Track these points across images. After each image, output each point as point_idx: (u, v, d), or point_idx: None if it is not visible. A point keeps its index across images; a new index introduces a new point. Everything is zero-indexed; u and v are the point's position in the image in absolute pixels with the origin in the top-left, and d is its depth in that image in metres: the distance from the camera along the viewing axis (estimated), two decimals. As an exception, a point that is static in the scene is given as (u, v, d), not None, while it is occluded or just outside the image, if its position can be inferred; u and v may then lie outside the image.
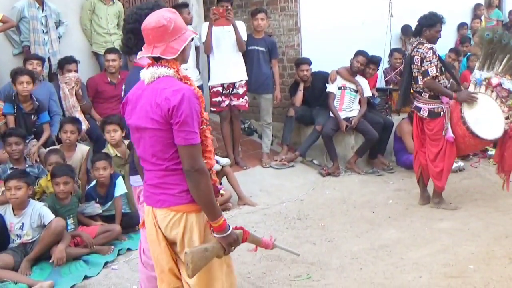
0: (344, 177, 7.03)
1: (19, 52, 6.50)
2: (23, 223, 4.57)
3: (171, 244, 2.70)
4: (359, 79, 7.40)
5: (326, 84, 7.44)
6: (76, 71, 6.33)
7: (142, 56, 2.73)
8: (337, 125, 7.17)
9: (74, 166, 5.45)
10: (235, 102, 6.90)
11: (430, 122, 5.62)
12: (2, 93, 5.89)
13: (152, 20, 2.61)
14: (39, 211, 4.60)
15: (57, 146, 5.65)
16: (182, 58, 2.68)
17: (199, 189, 2.54)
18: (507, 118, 5.53)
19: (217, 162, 5.74)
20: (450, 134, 5.55)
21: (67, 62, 6.29)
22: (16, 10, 6.28)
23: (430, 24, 5.68)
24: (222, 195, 5.68)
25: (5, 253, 4.46)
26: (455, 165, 6.93)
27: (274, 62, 7.34)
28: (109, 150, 5.71)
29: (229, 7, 6.69)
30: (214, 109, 6.90)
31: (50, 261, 4.49)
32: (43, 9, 6.40)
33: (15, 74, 5.62)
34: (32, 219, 4.58)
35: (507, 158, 5.68)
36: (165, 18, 2.58)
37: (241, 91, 6.91)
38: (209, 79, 6.97)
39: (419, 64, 5.56)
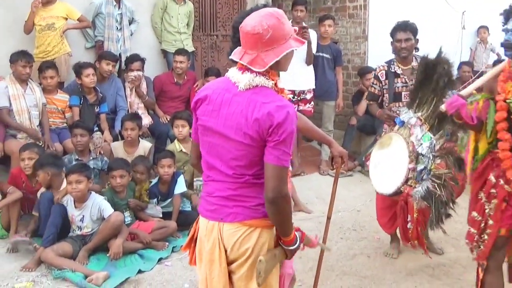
0: (403, 190, 6.88)
1: (91, 46, 6.72)
2: (83, 216, 4.69)
3: (228, 264, 2.49)
4: None
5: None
6: (140, 69, 6.44)
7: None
8: (399, 137, 7.01)
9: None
10: (301, 107, 6.87)
11: None
12: (71, 86, 6.10)
13: (249, 23, 2.32)
14: (99, 204, 4.71)
15: (120, 142, 5.82)
16: (278, 67, 2.42)
17: (281, 216, 2.36)
18: (407, 180, 3.95)
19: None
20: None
21: (131, 61, 6.44)
22: (93, 6, 6.49)
23: (391, 35, 4.94)
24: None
25: (65, 242, 4.57)
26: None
27: (338, 70, 7.29)
28: (176, 145, 5.79)
29: (306, 26, 6.60)
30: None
31: (108, 254, 4.59)
32: (119, 7, 6.58)
33: (79, 68, 5.82)
34: (92, 212, 4.69)
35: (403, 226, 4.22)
36: (263, 26, 2.28)
37: (308, 96, 6.92)
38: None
39: None
